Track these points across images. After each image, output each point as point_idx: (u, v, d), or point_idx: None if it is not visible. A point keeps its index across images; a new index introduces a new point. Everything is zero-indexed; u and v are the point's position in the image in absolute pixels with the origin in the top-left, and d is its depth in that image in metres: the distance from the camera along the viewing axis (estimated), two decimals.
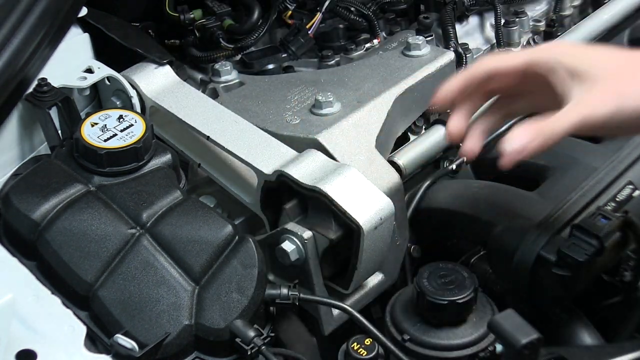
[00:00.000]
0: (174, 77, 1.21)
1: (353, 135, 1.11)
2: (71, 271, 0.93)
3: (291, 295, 0.96)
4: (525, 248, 1.01)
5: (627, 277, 1.03)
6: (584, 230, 0.98)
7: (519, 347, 0.78)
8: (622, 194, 1.07)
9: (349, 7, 1.40)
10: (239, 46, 1.33)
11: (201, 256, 0.94)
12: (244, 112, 1.16)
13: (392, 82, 1.19)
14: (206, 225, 0.96)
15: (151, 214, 0.97)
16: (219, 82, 1.26)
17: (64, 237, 0.94)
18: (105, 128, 1.05)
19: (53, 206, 0.97)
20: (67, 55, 1.16)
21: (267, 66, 1.34)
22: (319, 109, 1.14)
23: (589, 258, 0.96)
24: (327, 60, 1.35)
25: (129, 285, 0.91)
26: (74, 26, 1.17)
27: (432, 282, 0.93)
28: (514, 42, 1.48)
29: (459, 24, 1.47)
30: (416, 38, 1.27)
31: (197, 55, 1.35)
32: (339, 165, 1.03)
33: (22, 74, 0.98)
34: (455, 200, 1.15)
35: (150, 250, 0.94)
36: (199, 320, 0.91)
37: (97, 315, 0.91)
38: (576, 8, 1.61)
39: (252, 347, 0.89)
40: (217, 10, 1.36)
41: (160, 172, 1.04)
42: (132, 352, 0.85)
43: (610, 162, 1.11)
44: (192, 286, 0.93)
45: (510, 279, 1.03)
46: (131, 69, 1.21)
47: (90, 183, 1.01)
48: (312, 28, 1.36)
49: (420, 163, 1.22)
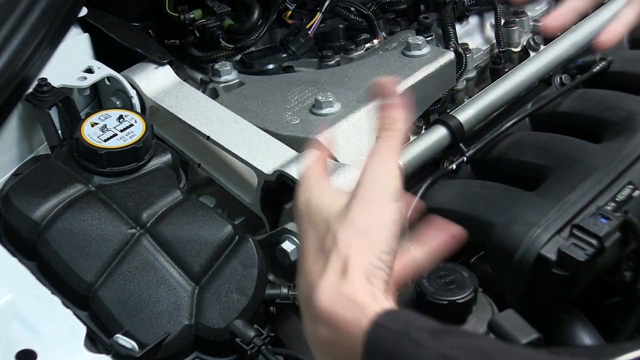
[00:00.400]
0: (174, 77, 1.22)
1: (353, 135, 1.11)
2: (71, 271, 0.93)
3: (291, 295, 0.96)
4: (525, 248, 1.01)
5: (627, 277, 1.03)
6: (584, 230, 0.98)
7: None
8: (622, 194, 1.07)
9: (349, 7, 1.40)
10: (239, 46, 1.33)
11: (201, 256, 0.94)
12: (244, 112, 1.16)
13: None
14: (206, 225, 0.96)
15: (151, 214, 0.97)
16: (219, 82, 1.26)
17: (64, 237, 0.94)
18: (105, 128, 1.05)
19: (53, 206, 0.97)
20: (67, 55, 1.16)
21: (267, 66, 1.34)
22: (319, 109, 1.14)
23: (589, 258, 0.96)
24: (327, 60, 1.35)
25: (129, 285, 0.91)
26: (74, 26, 1.17)
27: (432, 282, 0.93)
28: (514, 42, 1.48)
29: (459, 24, 1.47)
30: (416, 38, 1.27)
31: (197, 55, 1.35)
32: (339, 165, 1.03)
33: (22, 74, 0.98)
34: (455, 200, 1.15)
35: (150, 250, 0.94)
36: (199, 320, 0.91)
37: (97, 315, 0.91)
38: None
39: (252, 347, 0.89)
40: (217, 10, 1.36)
41: (160, 172, 1.04)
42: (132, 352, 0.85)
43: (610, 162, 1.11)
44: (192, 286, 0.93)
45: (510, 279, 1.03)
46: (131, 69, 1.21)
47: (90, 183, 1.01)
48: (312, 28, 1.36)
49: (420, 163, 1.22)
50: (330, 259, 0.68)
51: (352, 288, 0.66)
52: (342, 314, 0.65)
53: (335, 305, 0.65)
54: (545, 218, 1.03)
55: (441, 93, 1.30)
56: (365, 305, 0.65)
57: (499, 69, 1.43)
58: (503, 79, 1.37)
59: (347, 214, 0.70)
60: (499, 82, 1.36)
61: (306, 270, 0.70)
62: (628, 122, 1.20)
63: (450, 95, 1.36)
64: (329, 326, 0.66)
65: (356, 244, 0.68)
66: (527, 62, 1.40)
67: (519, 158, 1.21)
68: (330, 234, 0.70)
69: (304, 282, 0.70)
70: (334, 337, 0.66)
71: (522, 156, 1.21)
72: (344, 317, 0.65)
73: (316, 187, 0.75)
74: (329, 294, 0.66)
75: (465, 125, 1.26)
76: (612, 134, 1.19)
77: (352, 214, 0.70)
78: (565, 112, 1.30)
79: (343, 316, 0.65)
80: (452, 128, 1.25)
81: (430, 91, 1.25)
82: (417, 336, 0.61)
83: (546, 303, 1.04)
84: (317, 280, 0.67)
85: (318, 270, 0.68)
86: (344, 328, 0.65)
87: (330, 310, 0.66)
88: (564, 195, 1.07)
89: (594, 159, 1.13)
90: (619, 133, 1.19)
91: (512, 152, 1.23)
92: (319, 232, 0.71)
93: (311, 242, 0.71)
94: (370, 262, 0.67)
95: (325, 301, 0.66)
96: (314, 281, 0.68)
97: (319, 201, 0.73)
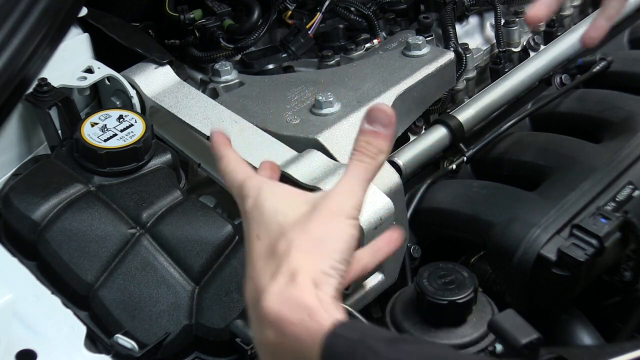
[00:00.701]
0: (174, 77, 1.21)
1: (353, 135, 1.10)
2: (71, 271, 0.93)
3: None
4: (525, 248, 1.01)
5: (627, 277, 1.03)
6: (584, 230, 0.98)
7: (519, 347, 0.78)
8: (622, 194, 1.07)
9: (349, 7, 1.40)
10: (239, 46, 1.33)
11: (201, 256, 0.94)
12: (244, 112, 1.16)
13: (392, 82, 1.19)
14: (206, 225, 0.96)
15: (151, 214, 0.97)
16: (219, 82, 1.26)
17: (64, 237, 0.94)
18: (105, 128, 1.05)
19: (53, 206, 0.97)
20: (67, 55, 1.17)
21: (267, 66, 1.34)
22: (319, 109, 1.14)
23: (589, 258, 0.96)
24: (327, 60, 1.35)
25: (129, 285, 0.91)
26: (74, 26, 1.17)
27: (432, 282, 0.93)
28: (514, 42, 1.48)
29: (459, 24, 1.47)
30: (416, 38, 1.27)
31: (197, 55, 1.34)
32: (339, 165, 1.03)
33: (22, 74, 0.98)
34: (455, 200, 1.15)
35: (150, 250, 0.94)
36: (199, 320, 0.91)
37: (97, 315, 0.91)
38: (576, 8, 1.61)
39: (252, 347, 0.89)
40: (217, 10, 1.36)
41: (160, 172, 1.04)
42: (132, 352, 0.85)
43: (610, 162, 1.11)
44: (192, 286, 0.93)
45: (510, 279, 1.03)
46: (131, 69, 1.21)
47: (90, 183, 1.01)
48: (312, 28, 1.36)
49: (420, 163, 1.22)
50: (281, 264, 0.69)
51: (299, 292, 0.67)
52: (288, 316, 0.66)
53: (282, 308, 0.66)
54: (545, 218, 1.03)
55: (441, 93, 1.30)
56: (312, 308, 0.66)
57: (499, 69, 1.43)
58: (503, 79, 1.37)
59: (305, 223, 0.71)
60: (499, 82, 1.36)
61: (256, 274, 0.71)
62: (628, 122, 1.20)
63: (450, 95, 1.36)
64: (276, 329, 0.67)
65: (309, 252, 0.69)
66: (527, 62, 1.40)
67: (519, 158, 1.21)
68: (285, 240, 0.70)
69: (252, 286, 0.71)
70: (280, 339, 0.67)
71: (522, 156, 1.21)
72: (290, 319, 0.66)
73: (270, 190, 0.76)
74: (277, 297, 0.67)
75: (465, 125, 1.26)
76: (612, 134, 1.20)
77: (310, 224, 0.70)
78: (565, 112, 1.30)
79: (289, 318, 0.66)
80: (452, 128, 1.25)
81: (430, 91, 1.25)
82: (373, 344, 0.63)
83: (546, 303, 1.04)
84: (266, 284, 0.68)
85: (268, 275, 0.69)
86: (289, 330, 0.66)
87: (276, 313, 0.67)
88: (564, 195, 1.07)
89: (594, 159, 1.13)
90: (619, 133, 1.19)
91: (512, 152, 1.23)
92: (271, 237, 0.72)
93: (262, 247, 0.72)
94: (321, 269, 0.68)
95: (273, 304, 0.67)
96: (263, 285, 0.69)
97: (274, 206, 0.74)
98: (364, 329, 0.65)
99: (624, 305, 1.05)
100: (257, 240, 0.72)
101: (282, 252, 0.69)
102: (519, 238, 1.02)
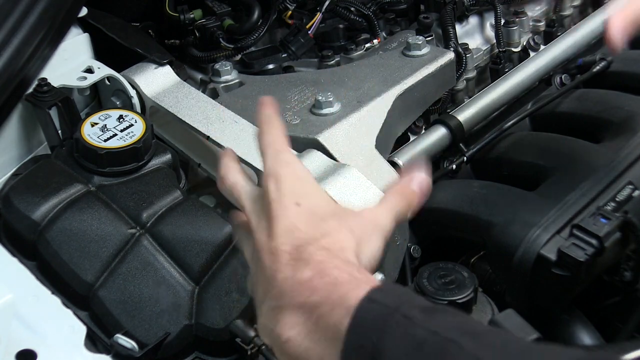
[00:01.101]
0: (174, 77, 1.21)
1: (353, 135, 1.11)
2: (71, 271, 0.93)
3: None
4: (525, 248, 1.01)
5: (627, 277, 1.03)
6: (584, 230, 0.98)
7: None
8: (622, 194, 1.07)
9: (349, 7, 1.40)
10: (239, 46, 1.33)
11: (201, 256, 0.94)
12: (244, 112, 1.16)
13: (392, 82, 1.19)
14: (206, 225, 0.96)
15: (151, 214, 0.97)
16: (219, 82, 1.26)
17: (64, 237, 0.94)
18: (105, 128, 1.05)
19: (53, 206, 0.97)
20: (67, 55, 1.17)
21: (267, 66, 1.34)
22: (319, 109, 1.14)
23: (589, 258, 0.96)
24: (327, 60, 1.35)
25: (129, 285, 0.91)
26: (74, 26, 1.17)
27: (432, 282, 0.93)
28: (514, 42, 1.48)
29: (459, 24, 1.47)
30: (416, 38, 1.27)
31: (197, 55, 1.34)
32: (339, 165, 1.03)
33: (22, 74, 0.98)
34: (455, 200, 1.15)
35: (150, 250, 0.94)
36: (199, 320, 0.91)
37: (97, 315, 0.91)
38: (576, 8, 1.61)
39: (252, 347, 0.89)
40: (217, 10, 1.36)
41: (160, 172, 1.04)
42: (132, 352, 0.85)
43: (610, 162, 1.11)
44: (192, 286, 0.93)
45: (510, 279, 1.03)
46: (131, 69, 1.21)
47: (90, 183, 1.01)
48: (312, 28, 1.36)
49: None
50: (330, 233, 0.69)
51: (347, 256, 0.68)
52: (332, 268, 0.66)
53: (334, 261, 0.67)
54: (545, 218, 1.03)
55: (441, 93, 1.30)
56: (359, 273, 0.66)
57: (499, 69, 1.43)
58: (503, 79, 1.37)
59: (355, 215, 0.73)
60: (499, 82, 1.36)
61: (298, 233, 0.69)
62: (628, 122, 1.20)
63: (450, 95, 1.36)
64: (317, 272, 0.66)
65: (359, 238, 0.71)
66: (527, 62, 1.40)
67: (519, 158, 1.21)
68: (336, 219, 0.71)
69: (289, 240, 0.69)
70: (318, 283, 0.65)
71: (522, 156, 1.21)
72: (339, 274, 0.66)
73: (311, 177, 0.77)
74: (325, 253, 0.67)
75: (465, 125, 1.26)
76: (612, 134, 1.20)
77: (357, 220, 0.72)
78: (565, 112, 1.30)
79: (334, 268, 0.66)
80: (452, 128, 1.25)
81: (430, 91, 1.25)
82: (410, 313, 0.61)
83: (546, 303, 1.04)
84: (319, 238, 0.68)
85: (318, 234, 0.69)
86: (332, 275, 0.65)
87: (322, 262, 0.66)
88: (564, 196, 1.07)
89: (594, 159, 1.13)
90: (619, 133, 1.19)
91: (512, 152, 1.23)
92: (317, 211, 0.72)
93: (302, 213, 0.71)
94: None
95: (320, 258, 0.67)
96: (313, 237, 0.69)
97: (318, 187, 0.75)
98: (401, 294, 0.64)
99: (624, 305, 1.05)
100: (295, 206, 0.71)
101: (332, 228, 0.70)
102: (519, 238, 1.02)
